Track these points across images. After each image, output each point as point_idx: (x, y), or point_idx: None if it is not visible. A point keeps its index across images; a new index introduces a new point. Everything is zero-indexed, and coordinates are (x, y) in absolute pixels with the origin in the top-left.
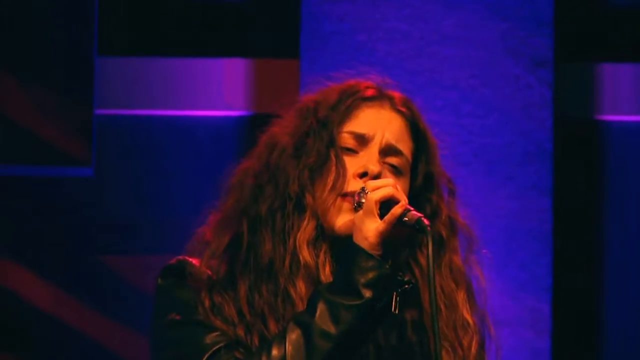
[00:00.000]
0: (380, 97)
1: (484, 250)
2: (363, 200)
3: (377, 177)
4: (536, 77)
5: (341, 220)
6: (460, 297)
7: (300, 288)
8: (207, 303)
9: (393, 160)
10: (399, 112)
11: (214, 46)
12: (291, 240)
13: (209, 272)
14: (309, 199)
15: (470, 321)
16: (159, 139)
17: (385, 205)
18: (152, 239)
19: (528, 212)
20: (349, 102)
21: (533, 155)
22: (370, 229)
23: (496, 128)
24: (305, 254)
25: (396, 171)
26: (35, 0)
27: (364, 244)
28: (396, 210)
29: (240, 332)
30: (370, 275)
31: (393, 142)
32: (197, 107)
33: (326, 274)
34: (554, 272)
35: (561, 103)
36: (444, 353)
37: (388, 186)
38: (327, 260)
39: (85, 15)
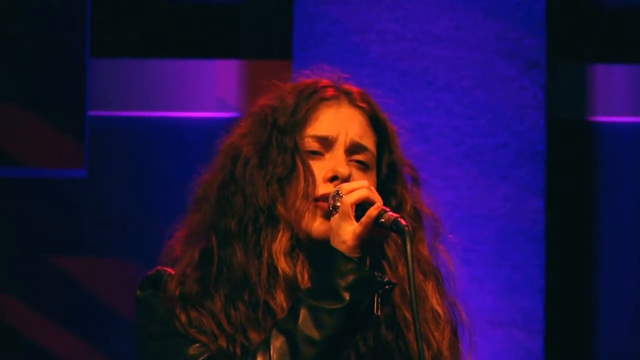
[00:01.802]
0: (337, 95)
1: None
2: (338, 204)
3: (347, 179)
4: (529, 78)
5: (317, 225)
6: (430, 288)
7: (280, 299)
8: (183, 319)
9: (360, 157)
10: (358, 107)
11: (206, 47)
12: (266, 253)
13: (183, 287)
14: (280, 209)
15: (441, 312)
16: (151, 140)
17: (361, 207)
18: (145, 240)
19: (521, 213)
20: (308, 105)
21: (526, 156)
22: (347, 232)
23: (489, 129)
24: (283, 265)
25: (364, 167)
26: (28, 2)
27: (342, 248)
28: (372, 212)
29: (222, 343)
30: (350, 278)
31: (357, 139)
32: (190, 109)
33: (305, 283)
34: (547, 272)
35: (554, 104)
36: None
37: (362, 188)
38: (305, 269)
39: (77, 17)
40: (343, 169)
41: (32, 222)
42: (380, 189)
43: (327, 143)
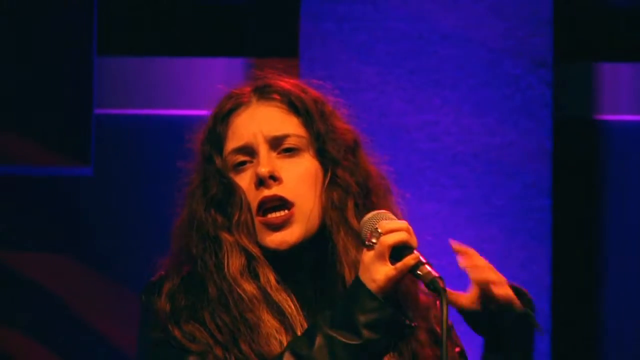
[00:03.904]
0: (247, 100)
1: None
2: (374, 241)
3: (272, 176)
4: (536, 76)
5: (270, 239)
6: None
7: (258, 312)
8: (177, 333)
9: (286, 147)
10: (268, 100)
11: (213, 46)
12: (227, 277)
13: (173, 303)
14: (222, 234)
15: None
16: (158, 138)
17: (397, 248)
18: (151, 239)
19: (528, 211)
20: (219, 123)
21: (533, 154)
22: (379, 272)
23: (496, 127)
24: (245, 286)
25: (293, 152)
26: (35, 1)
27: (370, 285)
28: (410, 261)
29: (218, 352)
30: (372, 316)
31: (273, 133)
32: (196, 107)
33: (275, 289)
34: (553, 271)
35: (561, 103)
36: None
37: (402, 230)
38: (270, 278)
39: (84, 15)
40: (262, 169)
41: (38, 220)
42: (322, 166)
43: (248, 151)
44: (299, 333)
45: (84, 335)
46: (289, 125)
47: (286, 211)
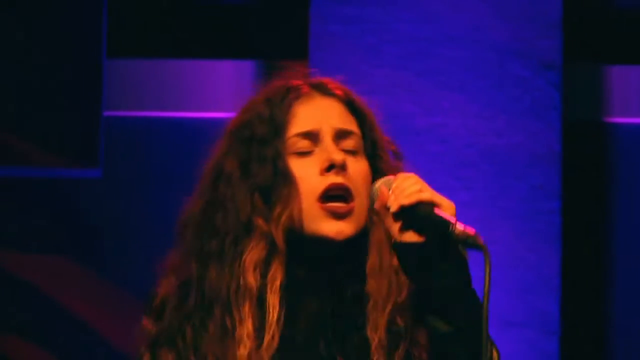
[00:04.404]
0: (309, 91)
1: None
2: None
3: (343, 165)
4: (545, 79)
5: (328, 226)
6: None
7: (243, 314)
8: (145, 358)
9: (348, 143)
10: (332, 95)
11: (222, 48)
12: (238, 264)
13: (158, 323)
14: (258, 220)
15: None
16: (167, 140)
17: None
18: (160, 241)
19: (536, 213)
20: (283, 109)
21: (541, 157)
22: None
23: (504, 130)
24: (250, 277)
25: (354, 153)
26: (44, 2)
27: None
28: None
29: None
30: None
31: (340, 125)
32: (205, 109)
33: (274, 291)
34: (562, 273)
35: (570, 105)
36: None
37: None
38: (278, 276)
39: (94, 17)
40: (337, 156)
41: (46, 223)
42: (371, 169)
43: (313, 138)
44: (265, 343)
45: (87, 339)
46: (352, 124)
47: (348, 203)
